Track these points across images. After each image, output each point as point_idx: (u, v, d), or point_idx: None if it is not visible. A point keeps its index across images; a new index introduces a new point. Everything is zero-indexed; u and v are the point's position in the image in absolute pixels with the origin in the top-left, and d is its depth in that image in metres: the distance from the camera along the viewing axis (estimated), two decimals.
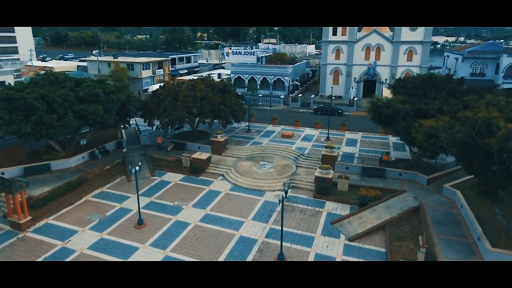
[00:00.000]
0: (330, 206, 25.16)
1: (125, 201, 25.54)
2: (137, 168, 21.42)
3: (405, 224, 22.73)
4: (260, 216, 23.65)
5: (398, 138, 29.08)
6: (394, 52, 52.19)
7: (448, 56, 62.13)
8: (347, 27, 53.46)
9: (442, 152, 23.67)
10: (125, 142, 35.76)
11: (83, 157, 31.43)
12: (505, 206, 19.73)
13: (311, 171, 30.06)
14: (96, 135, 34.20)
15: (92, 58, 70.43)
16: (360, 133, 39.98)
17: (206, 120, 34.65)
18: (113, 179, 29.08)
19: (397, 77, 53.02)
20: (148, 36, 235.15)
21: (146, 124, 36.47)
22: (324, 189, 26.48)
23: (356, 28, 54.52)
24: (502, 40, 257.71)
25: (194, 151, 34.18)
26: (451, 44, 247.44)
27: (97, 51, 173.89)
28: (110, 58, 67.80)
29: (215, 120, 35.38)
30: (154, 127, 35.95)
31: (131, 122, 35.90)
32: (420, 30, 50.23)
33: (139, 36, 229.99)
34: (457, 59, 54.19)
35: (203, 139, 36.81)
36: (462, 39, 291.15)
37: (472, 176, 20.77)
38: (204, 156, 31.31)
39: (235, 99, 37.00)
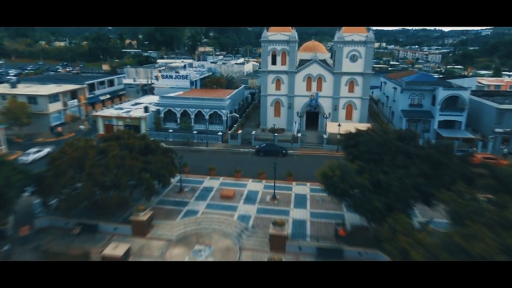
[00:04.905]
0: None
1: None
2: None
3: None
4: None
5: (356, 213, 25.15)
6: (336, 83, 49.73)
7: (386, 82, 62.14)
8: (287, 57, 49.62)
9: None
10: (11, 229, 26.61)
11: None
12: None
13: (258, 256, 24.72)
14: None
15: None
16: (308, 184, 35.82)
17: (122, 194, 27.20)
18: None
19: (340, 107, 50.97)
20: (68, 43, 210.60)
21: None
22: None
23: (296, 56, 50.95)
24: (416, 46, 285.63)
25: (110, 234, 26.76)
26: (375, 50, 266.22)
27: (2, 61, 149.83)
28: (6, 89, 54.94)
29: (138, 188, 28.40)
30: (53, 207, 27.35)
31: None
32: (360, 61, 48.39)
33: (58, 44, 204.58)
34: (395, 88, 53.78)
35: (121, 211, 29.14)
36: (384, 44, 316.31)
37: None
38: (120, 250, 23.92)
39: (162, 160, 30.14)
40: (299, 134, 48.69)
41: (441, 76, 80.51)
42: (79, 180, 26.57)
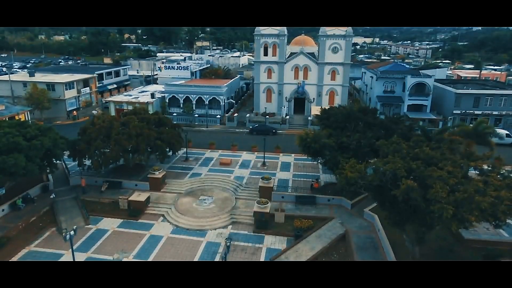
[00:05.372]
0: (269, 241, 27.02)
1: None
2: (72, 233, 20.54)
3: (334, 253, 25.61)
4: None
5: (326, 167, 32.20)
6: (320, 72, 56.57)
7: (365, 72, 69.20)
8: (277, 49, 56.35)
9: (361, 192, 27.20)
10: (52, 185, 33.36)
11: (3, 210, 28.62)
12: (410, 234, 23.52)
13: (250, 203, 31.60)
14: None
15: (3, 77, 62.78)
16: (293, 155, 42.80)
17: (141, 157, 34.00)
18: (41, 234, 27.12)
19: (323, 94, 57.87)
20: (68, 37, 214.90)
21: (76, 162, 34.42)
22: (262, 224, 28.26)
23: (285, 48, 57.67)
24: (408, 41, 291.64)
25: (131, 189, 33.43)
26: (368, 45, 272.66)
27: (5, 55, 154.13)
28: (25, 77, 61.22)
29: (153, 153, 35.24)
30: (86, 168, 34.01)
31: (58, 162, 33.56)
32: (341, 52, 55.22)
33: (57, 38, 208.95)
34: (372, 77, 60.82)
35: (140, 174, 36.03)
36: (377, 40, 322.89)
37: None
38: (142, 197, 30.86)
39: (172, 132, 36.91)
40: (288, 117, 55.66)
41: (417, 67, 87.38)
42: (107, 145, 33.24)
